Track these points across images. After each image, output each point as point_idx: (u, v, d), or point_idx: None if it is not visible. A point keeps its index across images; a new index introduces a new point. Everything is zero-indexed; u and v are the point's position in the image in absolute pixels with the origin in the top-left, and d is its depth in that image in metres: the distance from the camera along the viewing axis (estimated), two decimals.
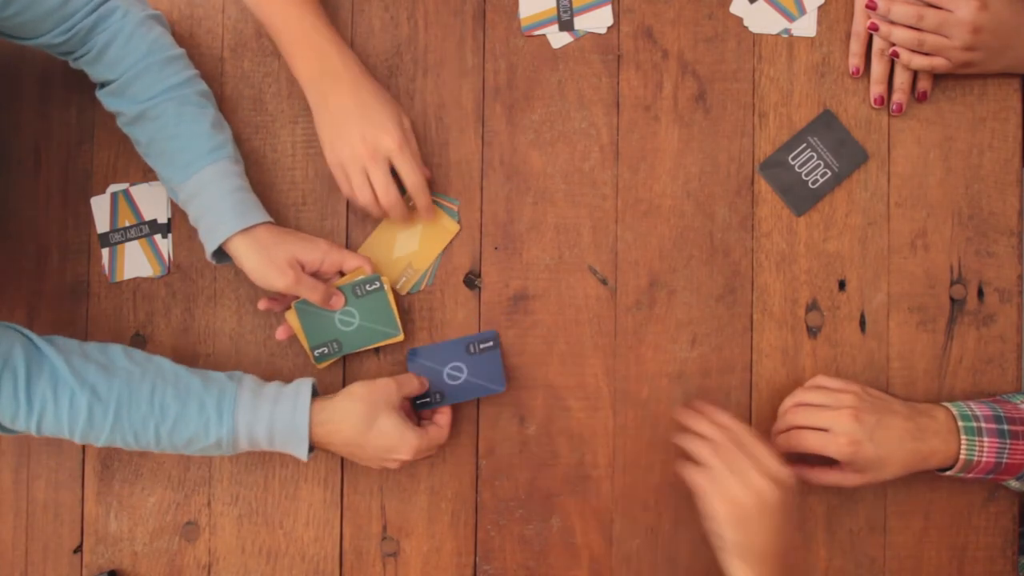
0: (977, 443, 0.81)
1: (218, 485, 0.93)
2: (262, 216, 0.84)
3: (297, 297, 0.87)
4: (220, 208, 0.83)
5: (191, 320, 0.93)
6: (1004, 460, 0.81)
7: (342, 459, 0.92)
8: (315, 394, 0.84)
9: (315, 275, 0.86)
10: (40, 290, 0.94)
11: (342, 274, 0.88)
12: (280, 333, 0.89)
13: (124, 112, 0.85)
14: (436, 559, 0.92)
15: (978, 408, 0.83)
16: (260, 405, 0.81)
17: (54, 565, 0.93)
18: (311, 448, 0.83)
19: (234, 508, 0.93)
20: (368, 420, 0.82)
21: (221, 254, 0.85)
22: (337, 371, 0.92)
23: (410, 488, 0.92)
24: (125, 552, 0.93)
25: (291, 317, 0.88)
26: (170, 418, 0.80)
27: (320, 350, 0.88)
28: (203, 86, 0.88)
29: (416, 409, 0.89)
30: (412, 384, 0.86)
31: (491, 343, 0.89)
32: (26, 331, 0.80)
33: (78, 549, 0.94)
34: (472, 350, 0.89)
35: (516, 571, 0.91)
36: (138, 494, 0.93)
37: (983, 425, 0.81)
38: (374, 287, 0.87)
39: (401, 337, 0.88)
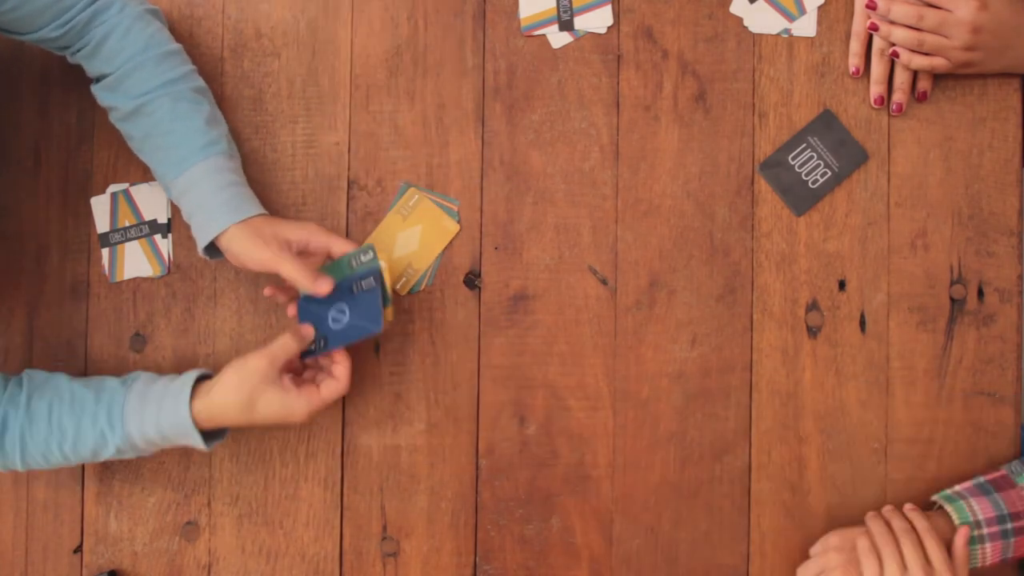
0: (980, 551, 0.81)
1: (218, 485, 0.93)
2: (256, 209, 0.84)
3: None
4: (212, 204, 0.82)
5: (191, 320, 0.93)
6: (1009, 555, 0.81)
7: (342, 459, 0.92)
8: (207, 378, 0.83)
9: (302, 255, 0.84)
10: (40, 290, 0.94)
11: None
12: (290, 309, 0.88)
13: (119, 107, 0.85)
14: (436, 559, 0.92)
15: (980, 509, 0.81)
16: (146, 410, 0.81)
17: (54, 565, 0.93)
18: (215, 436, 0.83)
19: (234, 508, 0.93)
20: (248, 405, 0.80)
21: (213, 250, 0.85)
22: None
23: (410, 488, 0.92)
24: (125, 552, 0.93)
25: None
26: (69, 436, 0.81)
27: (311, 346, 0.86)
28: (200, 82, 0.88)
29: (303, 358, 0.86)
30: (289, 348, 0.83)
31: (372, 280, 0.84)
32: None
33: (78, 549, 0.94)
34: (355, 289, 0.85)
35: (516, 571, 0.91)
36: (138, 494, 0.93)
37: (985, 532, 0.80)
38: (371, 280, 0.84)
39: (379, 331, 0.84)
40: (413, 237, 0.92)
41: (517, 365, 0.92)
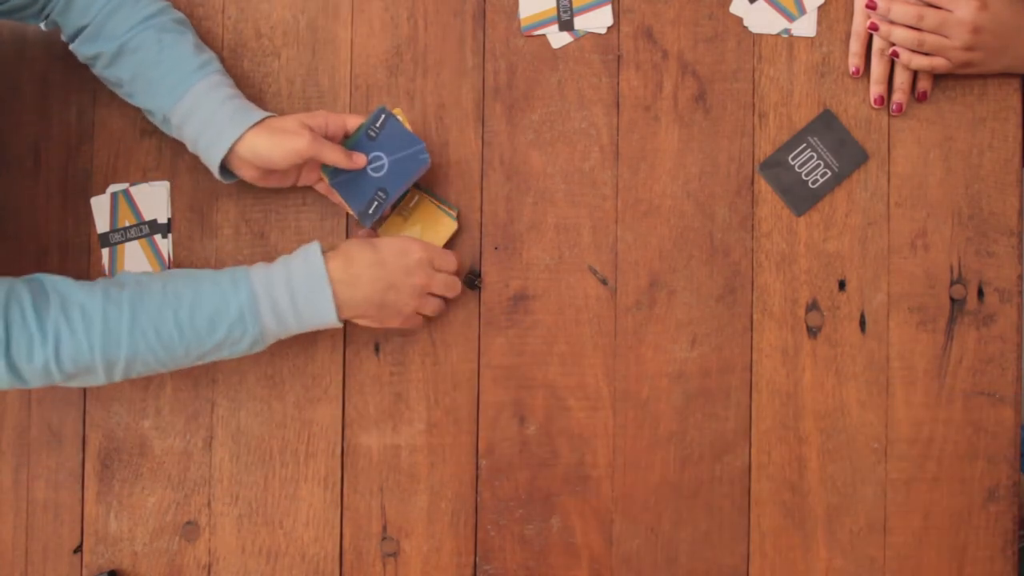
0: None
1: (218, 485, 0.93)
2: (264, 112, 0.84)
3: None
4: (220, 117, 0.82)
5: None
6: None
7: (342, 459, 0.92)
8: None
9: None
10: None
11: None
12: (324, 189, 0.89)
13: (103, 52, 0.84)
14: (436, 559, 0.92)
15: None
16: (273, 266, 0.80)
17: (54, 565, 0.93)
18: (337, 309, 0.80)
19: (234, 508, 0.93)
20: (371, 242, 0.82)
21: (228, 173, 0.85)
22: (338, 362, 0.92)
23: (410, 488, 0.92)
24: (125, 552, 0.93)
25: (327, 191, 0.88)
26: (186, 302, 0.77)
27: (371, 207, 0.86)
28: (178, 13, 0.87)
29: (368, 225, 0.87)
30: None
31: (383, 115, 0.86)
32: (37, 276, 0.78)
33: (78, 549, 0.94)
34: (373, 134, 0.86)
35: (516, 571, 0.91)
36: (138, 494, 0.93)
37: None
38: (382, 119, 0.86)
39: (428, 160, 0.86)
40: (414, 236, 0.92)
41: (517, 365, 0.92)
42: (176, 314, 0.76)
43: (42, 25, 0.87)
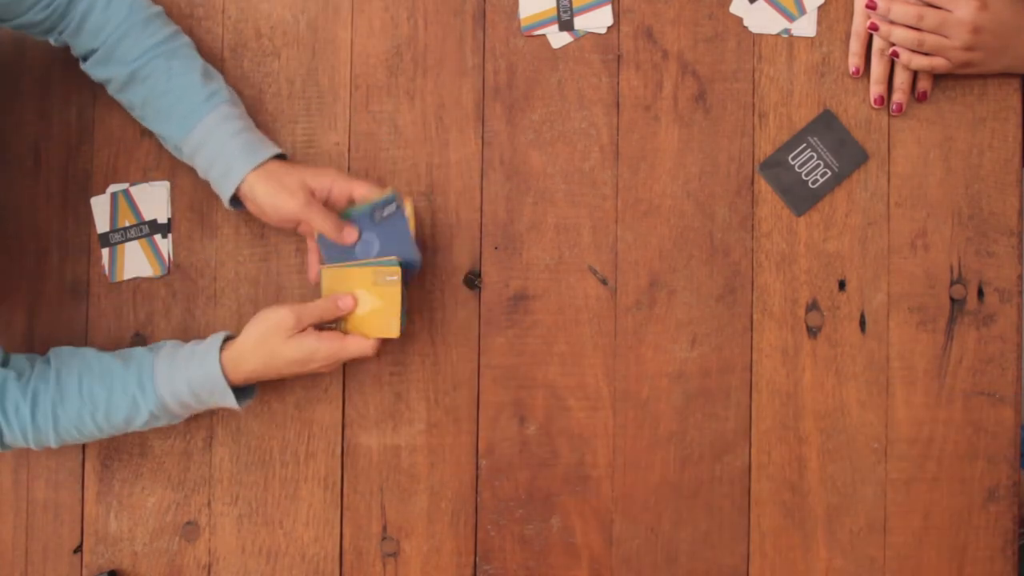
0: None
1: (218, 485, 0.93)
2: (272, 149, 0.85)
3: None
4: (228, 152, 0.83)
5: (191, 320, 0.93)
6: None
7: (342, 459, 0.92)
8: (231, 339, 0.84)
9: (325, 204, 0.85)
10: (40, 290, 0.94)
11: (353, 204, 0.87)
12: (311, 269, 0.88)
13: (114, 77, 0.85)
14: (436, 559, 0.92)
15: None
16: (175, 370, 0.82)
17: (54, 565, 0.93)
18: (246, 394, 0.84)
19: (234, 508, 0.93)
20: (270, 356, 0.81)
21: (238, 200, 0.86)
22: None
23: (410, 488, 0.92)
24: (125, 552, 0.93)
25: (324, 280, 0.85)
26: (101, 406, 0.81)
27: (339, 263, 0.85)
28: (186, 38, 0.88)
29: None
30: (322, 315, 0.82)
31: (394, 206, 0.84)
32: None
33: (78, 549, 0.94)
34: (377, 218, 0.85)
35: (516, 571, 0.91)
36: (138, 494, 0.93)
37: None
38: (393, 210, 0.85)
39: (418, 267, 0.84)
40: (366, 298, 0.85)
41: (517, 365, 0.92)
42: (94, 416, 0.82)
43: (52, 41, 0.87)
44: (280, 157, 0.86)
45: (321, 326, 0.84)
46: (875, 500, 0.90)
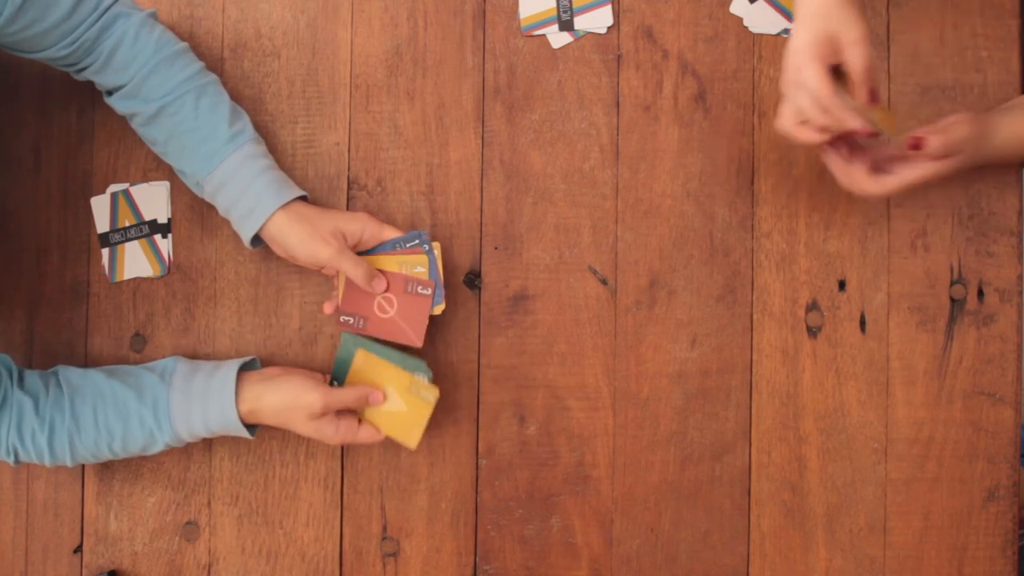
0: None
1: (218, 485, 0.93)
2: (295, 191, 0.85)
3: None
4: (253, 191, 0.83)
5: (191, 320, 0.93)
6: None
7: (342, 459, 0.92)
8: (250, 367, 0.87)
9: (354, 248, 0.86)
10: (40, 290, 0.94)
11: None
12: (327, 307, 0.88)
13: (140, 112, 0.84)
14: (436, 559, 0.92)
15: None
16: (192, 410, 0.83)
17: (54, 565, 0.93)
18: (254, 426, 0.86)
19: (234, 508, 0.93)
20: (287, 423, 0.84)
21: (258, 239, 0.85)
22: None
23: (410, 488, 0.92)
24: (125, 552, 0.93)
25: (356, 360, 0.87)
26: (118, 437, 0.83)
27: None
28: (213, 76, 0.87)
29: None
30: (353, 402, 0.84)
31: (424, 245, 0.86)
32: (7, 363, 0.83)
33: (78, 549, 0.94)
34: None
35: (516, 571, 0.91)
36: (138, 494, 0.93)
37: None
38: (421, 246, 0.86)
39: (442, 302, 0.86)
40: (395, 399, 0.86)
41: (517, 365, 0.92)
42: (111, 446, 0.83)
43: (74, 75, 0.86)
44: (303, 198, 0.86)
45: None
46: (875, 500, 0.90)
